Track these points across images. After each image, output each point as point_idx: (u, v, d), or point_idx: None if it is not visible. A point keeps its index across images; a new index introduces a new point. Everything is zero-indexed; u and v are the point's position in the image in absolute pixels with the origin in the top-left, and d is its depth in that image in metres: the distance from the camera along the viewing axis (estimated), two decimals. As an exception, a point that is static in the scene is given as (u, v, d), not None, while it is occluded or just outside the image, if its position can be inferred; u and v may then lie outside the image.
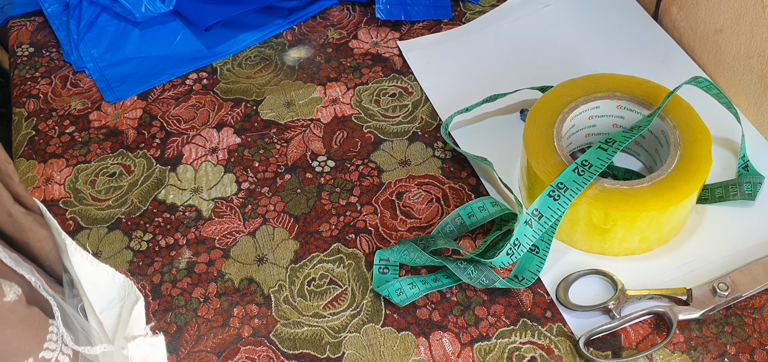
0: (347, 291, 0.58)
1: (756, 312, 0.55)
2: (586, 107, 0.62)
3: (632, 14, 0.79)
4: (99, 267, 0.44)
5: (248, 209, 0.64)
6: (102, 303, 0.44)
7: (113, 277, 0.44)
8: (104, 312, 0.44)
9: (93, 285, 0.44)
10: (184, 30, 0.80)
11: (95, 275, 0.44)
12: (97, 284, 0.44)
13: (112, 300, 0.44)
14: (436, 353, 0.54)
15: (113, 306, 0.44)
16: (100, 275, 0.44)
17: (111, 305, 0.44)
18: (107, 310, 0.44)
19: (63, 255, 0.46)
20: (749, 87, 0.67)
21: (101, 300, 0.44)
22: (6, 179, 0.43)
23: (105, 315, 0.44)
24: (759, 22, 0.64)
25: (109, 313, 0.44)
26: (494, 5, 0.82)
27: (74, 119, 0.73)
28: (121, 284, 0.44)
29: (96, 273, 0.44)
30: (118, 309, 0.44)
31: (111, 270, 0.44)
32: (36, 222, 0.44)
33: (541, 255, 0.56)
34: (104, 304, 0.44)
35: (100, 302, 0.44)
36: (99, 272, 0.44)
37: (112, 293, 0.44)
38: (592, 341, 0.53)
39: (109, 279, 0.44)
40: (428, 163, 0.66)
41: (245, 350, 0.55)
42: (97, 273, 0.44)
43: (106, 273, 0.44)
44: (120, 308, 0.44)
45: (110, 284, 0.44)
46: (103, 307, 0.44)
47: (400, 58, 0.77)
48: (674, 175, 0.56)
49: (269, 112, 0.72)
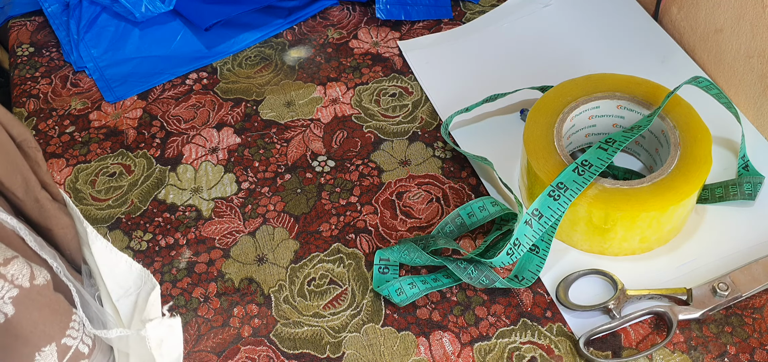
0: (347, 291, 0.58)
1: (756, 312, 0.55)
2: (586, 107, 0.62)
3: (632, 14, 0.79)
4: (117, 255, 0.45)
5: (248, 209, 0.64)
6: (119, 291, 0.45)
7: (131, 266, 0.45)
8: (121, 300, 0.45)
9: (111, 273, 0.45)
10: (184, 30, 0.80)
11: (114, 263, 0.45)
12: (115, 272, 0.45)
13: (128, 288, 0.45)
14: (436, 353, 0.54)
15: (130, 294, 0.45)
16: (118, 264, 0.45)
17: (127, 293, 0.45)
18: (124, 298, 0.45)
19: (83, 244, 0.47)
20: (749, 87, 0.67)
21: (118, 288, 0.45)
22: (35, 166, 0.44)
23: (121, 302, 0.45)
24: (759, 22, 0.64)
25: (126, 301, 0.45)
26: (494, 5, 0.82)
27: (74, 119, 0.73)
28: (138, 273, 0.45)
29: (115, 261, 0.45)
30: (134, 297, 0.45)
31: (129, 260, 0.45)
32: (60, 210, 0.45)
33: (541, 255, 0.56)
34: (121, 292, 0.45)
35: (117, 290, 0.45)
36: (117, 261, 0.45)
37: (129, 281, 0.45)
38: (592, 341, 0.53)
39: (127, 267, 0.45)
40: (428, 162, 0.66)
41: (245, 350, 0.55)
42: (116, 261, 0.45)
43: (124, 262, 0.45)
44: (136, 296, 0.45)
45: (128, 273, 0.45)
46: (120, 295, 0.45)
47: (400, 57, 0.77)
48: (674, 174, 0.56)
49: (269, 112, 0.72)
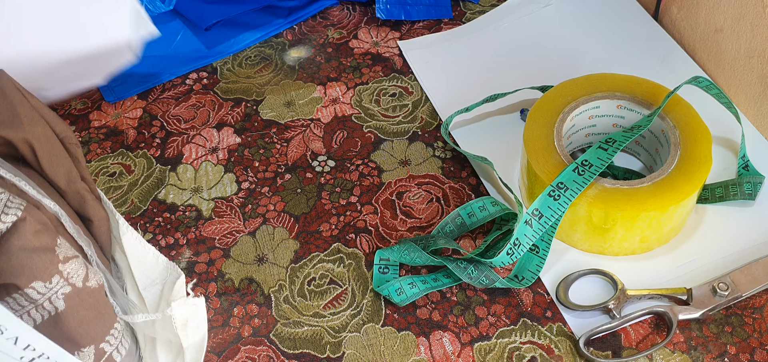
0: (347, 290, 0.58)
1: (756, 312, 0.55)
2: (586, 107, 0.62)
3: (632, 14, 0.79)
4: (146, 247, 0.47)
5: (248, 209, 0.64)
6: (145, 281, 0.47)
7: (157, 258, 0.47)
8: (147, 289, 0.48)
9: (140, 263, 0.47)
10: (184, 30, 0.80)
11: (142, 254, 0.47)
12: (143, 263, 0.47)
13: (154, 278, 0.48)
14: (436, 353, 0.54)
15: (156, 284, 0.48)
16: (146, 255, 0.47)
17: (154, 283, 0.48)
18: (150, 288, 0.48)
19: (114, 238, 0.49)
20: (749, 87, 0.67)
21: (145, 278, 0.47)
22: (75, 161, 0.47)
23: (148, 292, 0.48)
24: (759, 22, 0.64)
25: (152, 290, 0.48)
26: (494, 5, 0.82)
27: (74, 119, 0.73)
28: (164, 265, 0.48)
29: (143, 253, 0.47)
30: (160, 287, 0.48)
31: (156, 252, 0.47)
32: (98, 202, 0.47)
33: (541, 254, 0.56)
34: (147, 282, 0.47)
35: (143, 280, 0.47)
36: (146, 252, 0.47)
37: (155, 272, 0.48)
38: (592, 341, 0.53)
39: (154, 259, 0.47)
40: (428, 162, 0.66)
41: (245, 350, 0.55)
42: (144, 253, 0.47)
43: (151, 254, 0.47)
44: (162, 285, 0.47)
45: (155, 264, 0.47)
46: (146, 285, 0.47)
47: (400, 57, 0.77)
48: (674, 174, 0.56)
49: (269, 112, 0.72)
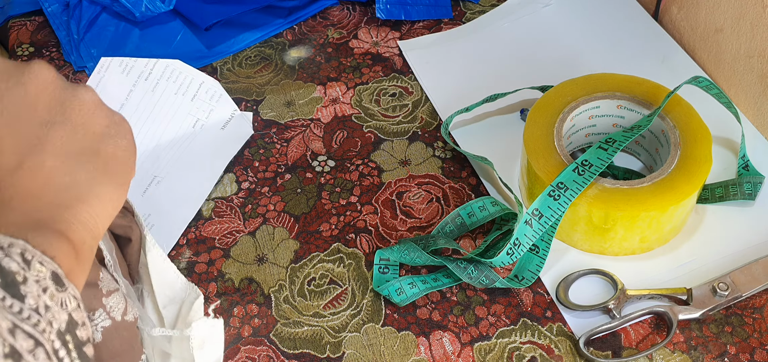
0: (347, 290, 0.58)
1: (756, 312, 0.55)
2: (586, 107, 0.62)
3: (632, 14, 0.79)
4: (169, 265, 0.48)
5: (248, 209, 0.64)
6: (165, 299, 0.48)
7: (178, 277, 0.48)
8: (166, 307, 0.48)
9: (162, 280, 0.47)
10: (184, 30, 0.80)
11: (164, 272, 0.47)
12: (165, 280, 0.47)
13: (174, 297, 0.48)
14: (436, 353, 0.54)
15: (175, 302, 0.48)
16: (168, 273, 0.48)
17: (173, 302, 0.48)
18: (169, 306, 0.48)
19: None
20: (749, 87, 0.67)
21: (164, 297, 0.48)
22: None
23: (167, 309, 0.48)
24: (759, 22, 0.64)
25: (171, 308, 0.48)
26: (494, 5, 0.82)
27: (74, 119, 0.73)
28: (183, 285, 0.48)
29: (165, 269, 0.47)
30: (178, 306, 0.48)
31: (177, 271, 0.48)
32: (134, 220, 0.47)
33: (541, 254, 0.56)
34: (166, 301, 0.48)
35: (163, 298, 0.48)
36: (168, 270, 0.47)
37: (175, 290, 0.48)
38: (592, 341, 0.53)
39: (175, 277, 0.48)
40: (428, 162, 0.66)
41: (245, 350, 0.55)
42: (166, 270, 0.47)
43: (173, 272, 0.48)
44: (180, 304, 0.48)
45: (175, 282, 0.48)
46: (166, 303, 0.48)
47: (400, 57, 0.77)
48: (674, 174, 0.56)
49: (269, 112, 0.72)
